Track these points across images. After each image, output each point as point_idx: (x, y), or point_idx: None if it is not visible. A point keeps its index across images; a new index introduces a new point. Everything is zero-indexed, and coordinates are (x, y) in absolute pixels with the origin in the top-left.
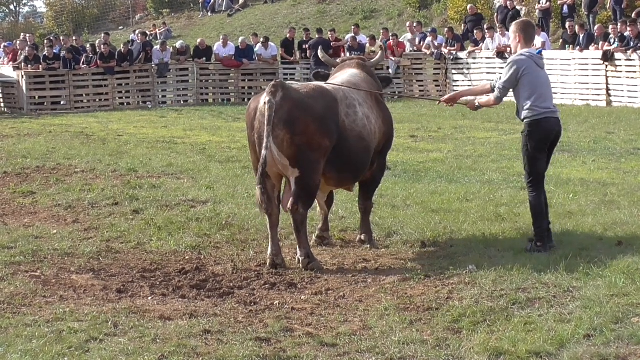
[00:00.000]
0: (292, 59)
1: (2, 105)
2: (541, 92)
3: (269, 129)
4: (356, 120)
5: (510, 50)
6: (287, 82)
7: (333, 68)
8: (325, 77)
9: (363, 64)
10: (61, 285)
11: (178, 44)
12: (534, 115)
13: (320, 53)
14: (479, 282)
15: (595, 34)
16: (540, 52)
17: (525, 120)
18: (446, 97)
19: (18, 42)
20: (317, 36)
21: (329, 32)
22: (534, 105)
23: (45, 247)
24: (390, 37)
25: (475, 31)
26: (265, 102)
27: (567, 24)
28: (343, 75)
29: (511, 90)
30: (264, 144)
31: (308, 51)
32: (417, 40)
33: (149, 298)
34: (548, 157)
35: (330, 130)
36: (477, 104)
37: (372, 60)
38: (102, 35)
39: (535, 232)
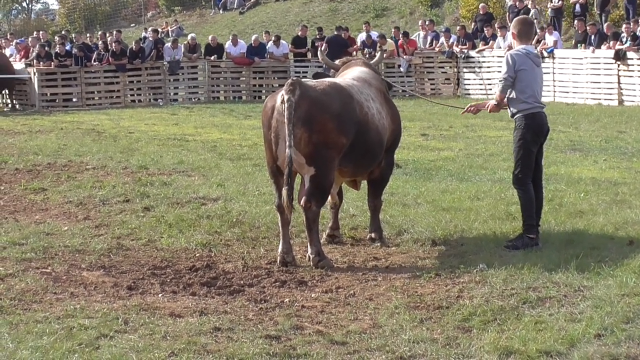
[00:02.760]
0: (304, 50)
1: (15, 101)
2: (535, 89)
3: (290, 127)
4: (373, 115)
5: None
6: (303, 80)
7: (332, 70)
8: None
9: (368, 63)
10: (72, 282)
11: (189, 37)
12: (529, 108)
13: (320, 55)
14: (490, 281)
15: (605, 32)
16: (552, 51)
17: (519, 114)
18: (469, 106)
19: (30, 39)
20: (335, 33)
21: (342, 31)
22: (528, 99)
23: (56, 244)
24: (401, 36)
25: (485, 29)
26: (283, 101)
27: (576, 22)
28: (353, 72)
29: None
30: (287, 142)
31: (323, 45)
32: (429, 38)
33: (160, 295)
34: (540, 155)
35: (347, 128)
36: (495, 103)
37: (374, 61)
38: (114, 32)
39: (526, 226)
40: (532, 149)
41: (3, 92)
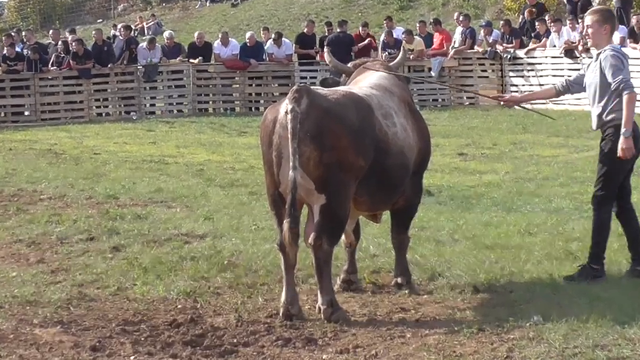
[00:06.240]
0: (312, 51)
1: None
2: None
3: (295, 144)
4: (395, 133)
5: (584, 47)
6: (312, 87)
7: (344, 75)
8: (335, 85)
9: (388, 66)
10: (21, 341)
11: (166, 34)
12: None
13: (327, 57)
14: (546, 337)
15: None
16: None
17: (613, 123)
18: (507, 97)
19: None
20: (337, 30)
21: (361, 27)
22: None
23: (2, 294)
24: (433, 29)
25: (537, 23)
26: (287, 112)
27: (634, 18)
28: (370, 79)
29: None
30: (291, 164)
31: (325, 48)
32: (463, 36)
33: (132, 358)
34: (629, 172)
35: (366, 147)
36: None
37: (394, 63)
38: (77, 30)
39: (592, 252)
40: (624, 165)
41: None
